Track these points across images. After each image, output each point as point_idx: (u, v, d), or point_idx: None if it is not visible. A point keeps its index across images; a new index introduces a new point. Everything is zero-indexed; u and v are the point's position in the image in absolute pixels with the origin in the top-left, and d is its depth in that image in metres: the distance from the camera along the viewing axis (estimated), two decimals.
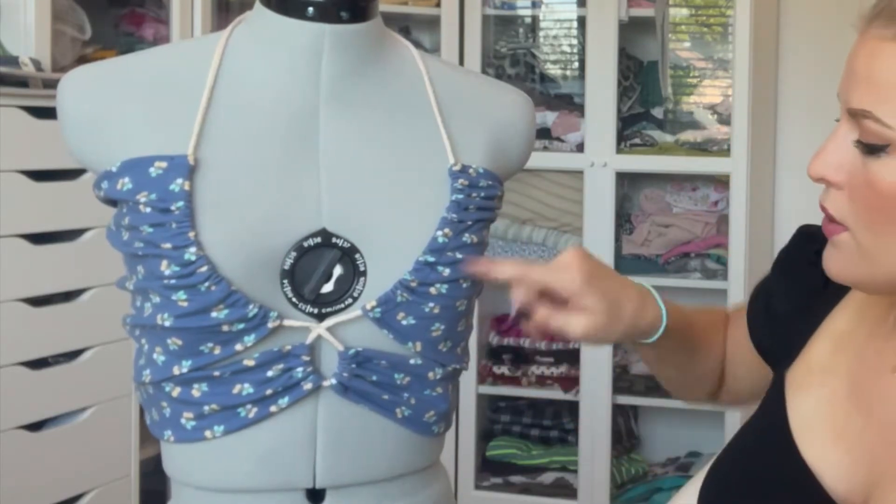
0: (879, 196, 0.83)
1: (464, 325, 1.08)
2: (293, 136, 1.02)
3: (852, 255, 0.86)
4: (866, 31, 0.84)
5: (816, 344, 0.98)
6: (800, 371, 0.98)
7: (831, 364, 0.96)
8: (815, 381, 0.96)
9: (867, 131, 0.83)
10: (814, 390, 0.96)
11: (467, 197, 1.05)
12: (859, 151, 0.84)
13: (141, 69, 1.04)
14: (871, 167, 0.83)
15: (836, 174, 0.86)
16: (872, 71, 0.82)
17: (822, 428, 0.93)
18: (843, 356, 0.96)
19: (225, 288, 0.96)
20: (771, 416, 0.98)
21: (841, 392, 0.94)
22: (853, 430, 0.92)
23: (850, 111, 0.85)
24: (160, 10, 2.75)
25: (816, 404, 0.95)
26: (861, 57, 0.84)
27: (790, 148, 3.30)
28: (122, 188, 0.98)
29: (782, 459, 0.94)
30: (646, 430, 3.47)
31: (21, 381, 2.13)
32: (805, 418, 0.95)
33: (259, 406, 1.00)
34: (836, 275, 0.89)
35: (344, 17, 1.02)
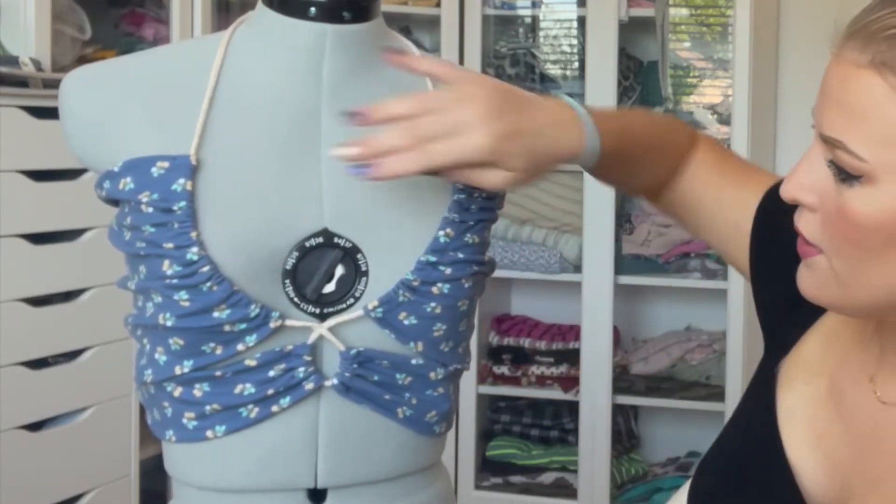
0: (852, 225, 0.81)
1: (465, 325, 1.08)
2: (295, 136, 1.02)
3: (826, 279, 0.85)
4: (840, 53, 0.82)
5: (810, 339, 0.97)
6: (790, 365, 0.97)
7: (819, 363, 0.95)
8: (803, 378, 0.95)
9: (841, 160, 0.81)
10: (800, 388, 0.95)
11: (469, 197, 1.05)
12: (833, 175, 0.82)
13: (143, 69, 1.04)
14: (844, 194, 0.81)
15: (808, 196, 0.84)
16: (844, 97, 0.80)
17: (805, 429, 0.93)
18: (830, 356, 0.95)
19: (227, 288, 0.96)
20: (760, 410, 0.97)
21: (824, 394, 0.93)
22: (832, 435, 0.91)
23: (822, 137, 0.83)
24: (160, 10, 2.75)
25: (801, 403, 0.94)
26: (834, 80, 0.82)
27: (790, 148, 3.30)
28: (124, 188, 0.98)
29: (767, 455, 0.93)
30: (646, 430, 3.47)
31: (21, 381, 2.13)
32: (790, 416, 0.94)
33: (261, 406, 1.00)
34: (810, 296, 0.87)
35: (346, 18, 1.02)
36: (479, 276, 1.06)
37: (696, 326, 3.41)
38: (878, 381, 0.90)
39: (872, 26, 0.80)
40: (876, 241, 0.80)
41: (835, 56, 0.83)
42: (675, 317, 3.43)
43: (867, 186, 0.80)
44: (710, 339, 3.30)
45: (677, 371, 3.29)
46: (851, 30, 0.82)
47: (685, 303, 3.41)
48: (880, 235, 0.80)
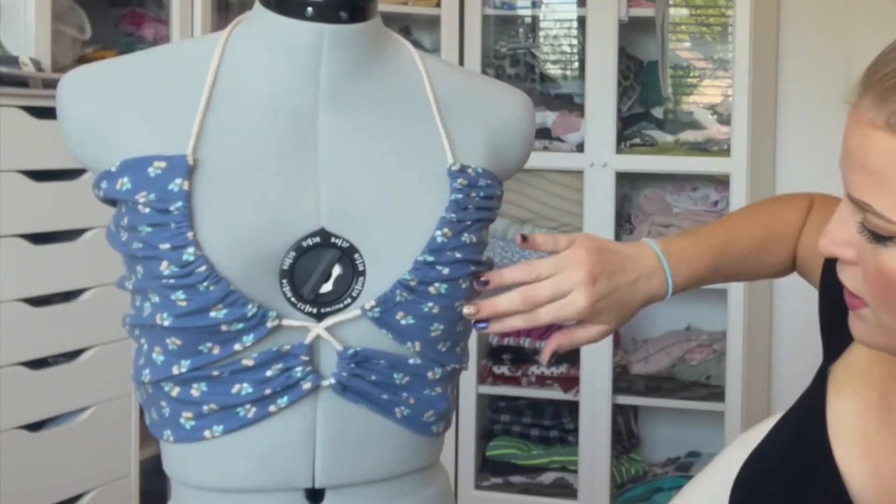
0: (890, 283, 0.81)
1: (463, 325, 1.08)
2: (292, 136, 1.02)
3: (875, 328, 0.85)
4: (856, 111, 0.81)
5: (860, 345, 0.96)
6: (840, 371, 0.97)
7: (868, 372, 0.94)
8: (852, 387, 0.95)
9: (871, 223, 0.81)
10: (850, 396, 0.94)
11: (466, 197, 1.05)
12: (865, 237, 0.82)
13: (140, 69, 1.04)
14: (880, 254, 0.81)
15: (846, 251, 0.84)
16: (867, 160, 0.79)
17: (854, 438, 0.92)
18: (879, 366, 0.94)
19: (224, 288, 0.96)
20: (810, 413, 0.96)
21: (874, 405, 0.93)
22: (881, 449, 0.91)
23: (850, 199, 0.82)
24: (160, 10, 2.75)
25: (849, 411, 0.94)
26: (855, 142, 0.81)
27: (790, 148, 3.30)
28: (122, 188, 0.98)
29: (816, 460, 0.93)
30: (646, 430, 3.47)
31: (21, 381, 2.14)
32: (839, 422, 0.93)
33: (258, 406, 1.00)
34: (863, 343, 0.88)
35: (343, 18, 1.02)
36: (476, 275, 1.06)
37: (696, 326, 3.41)
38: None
39: (887, 82, 0.79)
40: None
41: (852, 112, 0.82)
42: (675, 317, 3.43)
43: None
44: (710, 339, 3.30)
45: (677, 371, 3.29)
46: (866, 84, 0.81)
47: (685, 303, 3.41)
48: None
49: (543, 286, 1.03)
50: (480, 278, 1.05)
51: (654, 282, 1.07)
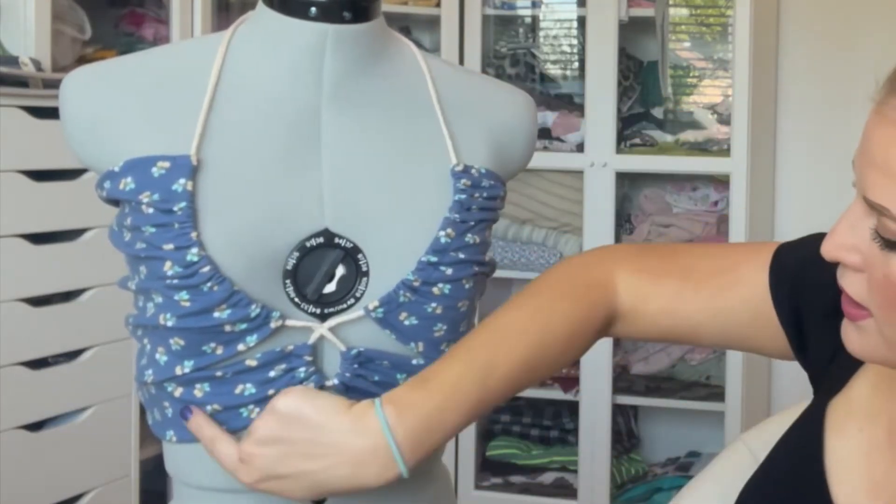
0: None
1: (466, 326, 1.08)
2: (295, 136, 1.02)
3: (876, 341, 0.80)
4: (882, 110, 0.76)
5: (859, 381, 0.92)
6: (840, 407, 0.91)
7: (871, 407, 0.90)
8: (856, 424, 0.90)
9: (886, 227, 0.76)
10: (852, 434, 0.89)
11: (470, 197, 1.05)
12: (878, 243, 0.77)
13: (143, 69, 1.04)
14: (890, 261, 0.76)
15: (852, 256, 0.80)
16: (889, 163, 0.75)
17: (858, 480, 0.87)
18: (883, 400, 0.89)
19: (227, 288, 0.96)
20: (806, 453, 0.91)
21: (881, 441, 0.88)
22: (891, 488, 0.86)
23: (867, 201, 0.77)
24: (160, 10, 2.75)
25: (853, 451, 0.89)
26: (878, 141, 0.76)
27: (790, 148, 3.30)
28: (125, 188, 0.98)
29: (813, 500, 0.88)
30: (646, 430, 3.47)
31: (21, 381, 2.13)
32: (840, 463, 0.88)
33: (261, 406, 1.00)
34: (857, 355, 0.84)
35: (346, 17, 1.02)
36: (479, 276, 1.06)
37: None
38: None
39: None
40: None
41: (876, 111, 0.77)
42: None
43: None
44: None
45: (677, 371, 3.29)
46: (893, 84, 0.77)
47: None
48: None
49: (224, 455, 0.91)
50: (190, 410, 0.94)
51: (368, 469, 0.86)
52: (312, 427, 0.86)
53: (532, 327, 0.93)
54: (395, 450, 0.86)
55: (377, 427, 0.86)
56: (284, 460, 0.87)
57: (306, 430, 0.86)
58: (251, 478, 0.89)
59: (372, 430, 0.86)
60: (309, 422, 0.86)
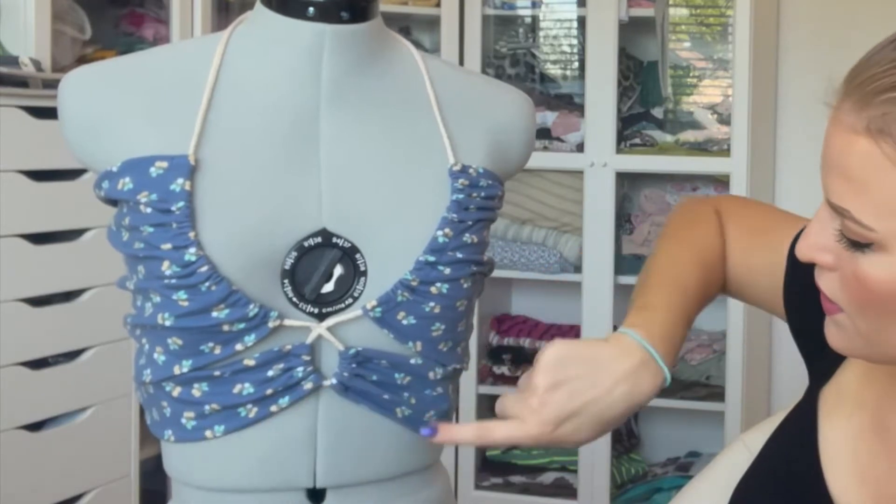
0: (867, 290, 0.80)
1: (464, 325, 1.08)
2: (294, 136, 1.02)
3: (852, 335, 0.84)
4: (836, 115, 0.79)
5: (849, 367, 0.95)
6: (831, 394, 0.95)
7: (860, 394, 0.93)
8: (845, 410, 0.93)
9: (849, 229, 0.79)
10: (842, 421, 0.93)
11: (468, 197, 1.05)
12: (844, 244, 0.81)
13: (142, 69, 1.04)
14: (857, 260, 0.80)
15: (824, 256, 0.83)
16: (847, 166, 0.78)
17: (848, 464, 0.90)
18: (871, 388, 0.92)
19: (225, 288, 0.96)
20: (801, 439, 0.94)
21: (867, 428, 0.91)
22: (878, 474, 0.89)
23: (830, 205, 0.81)
24: (160, 10, 2.75)
25: (843, 436, 0.92)
26: (834, 146, 0.80)
27: (790, 148, 3.30)
28: (123, 188, 0.98)
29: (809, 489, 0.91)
30: (646, 430, 3.47)
31: (21, 381, 2.13)
32: (832, 448, 0.92)
33: (259, 406, 1.00)
34: (838, 349, 0.87)
35: (344, 18, 1.02)
36: (477, 276, 1.06)
37: (696, 326, 3.40)
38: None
39: (867, 86, 0.77)
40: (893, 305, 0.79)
41: (832, 117, 0.80)
42: None
43: (879, 254, 0.78)
44: (710, 339, 3.30)
45: (677, 371, 3.29)
46: (848, 88, 0.79)
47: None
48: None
49: (500, 427, 0.94)
50: (433, 426, 0.94)
51: (640, 382, 0.93)
52: (586, 360, 0.94)
53: (692, 255, 1.07)
54: (658, 358, 0.95)
55: (637, 345, 0.95)
56: (574, 396, 0.93)
57: (582, 365, 0.93)
58: (546, 427, 0.93)
59: (634, 348, 0.94)
60: (580, 357, 0.94)
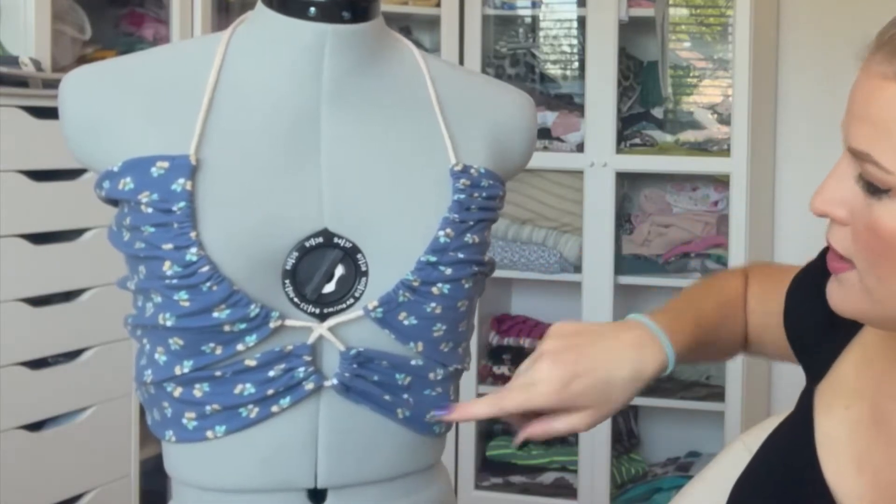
0: (881, 240, 0.80)
1: (465, 326, 1.08)
2: (295, 136, 1.02)
3: (856, 293, 0.84)
4: (867, 65, 0.81)
5: (844, 361, 0.96)
6: (827, 389, 0.96)
7: (856, 386, 0.93)
8: (841, 402, 0.94)
9: (869, 174, 0.80)
10: (839, 413, 0.93)
11: (469, 197, 1.05)
12: (861, 189, 0.81)
13: (142, 69, 1.04)
14: (873, 208, 0.80)
15: (838, 210, 0.83)
16: (871, 110, 0.80)
17: (845, 454, 0.91)
18: (867, 378, 0.93)
19: (226, 288, 0.96)
20: (798, 435, 0.95)
21: (865, 417, 0.92)
22: (875, 461, 0.89)
23: (851, 150, 0.82)
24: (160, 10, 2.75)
25: (840, 428, 0.92)
26: (861, 93, 0.81)
27: (790, 148, 3.30)
28: (124, 188, 0.98)
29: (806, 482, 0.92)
30: (646, 430, 3.47)
31: (21, 381, 2.13)
32: (829, 440, 0.92)
33: (260, 406, 1.00)
34: (839, 310, 0.87)
35: (346, 17, 1.02)
36: (479, 276, 1.06)
37: None
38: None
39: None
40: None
41: (863, 69, 0.82)
42: None
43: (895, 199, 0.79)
44: None
45: (677, 371, 3.29)
46: (879, 41, 0.81)
47: None
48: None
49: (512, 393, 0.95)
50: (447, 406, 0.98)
51: (645, 353, 0.96)
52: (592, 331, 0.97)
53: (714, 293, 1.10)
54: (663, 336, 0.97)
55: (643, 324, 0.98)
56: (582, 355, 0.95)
57: (587, 334, 0.97)
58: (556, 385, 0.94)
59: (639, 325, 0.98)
60: (587, 328, 0.98)
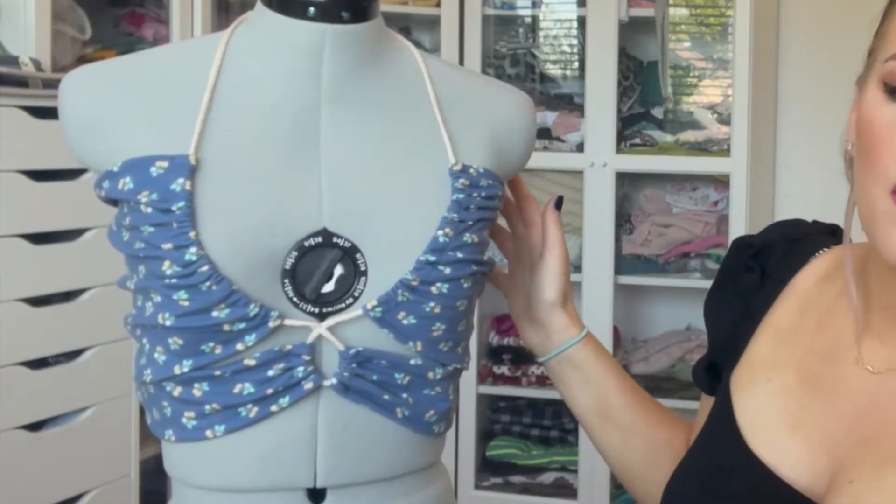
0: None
1: (464, 325, 1.08)
2: (294, 136, 1.02)
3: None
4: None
5: (757, 342, 0.99)
6: (743, 370, 0.99)
7: (776, 358, 0.97)
8: (760, 377, 0.97)
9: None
10: (760, 386, 0.96)
11: (468, 196, 1.05)
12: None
13: (142, 69, 1.04)
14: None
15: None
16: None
17: (775, 422, 0.93)
18: (789, 349, 0.96)
19: (226, 287, 0.96)
20: (719, 419, 0.98)
21: (793, 384, 0.94)
22: (809, 419, 0.92)
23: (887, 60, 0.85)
24: (160, 10, 2.75)
25: (765, 399, 0.95)
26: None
27: (790, 148, 3.30)
28: (124, 188, 0.98)
29: (734, 459, 0.94)
30: None
31: (21, 381, 2.14)
32: (753, 415, 0.95)
33: (260, 406, 1.00)
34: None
35: (345, 18, 1.02)
36: (478, 275, 1.06)
37: (696, 326, 3.41)
38: (863, 354, 0.91)
39: None
40: None
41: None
42: (675, 317, 3.43)
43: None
44: None
45: (677, 371, 3.29)
46: None
47: (685, 303, 3.42)
48: None
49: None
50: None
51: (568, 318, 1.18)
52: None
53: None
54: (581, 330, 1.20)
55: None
56: None
57: None
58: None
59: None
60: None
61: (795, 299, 0.99)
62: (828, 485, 0.88)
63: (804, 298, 0.98)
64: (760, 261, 1.04)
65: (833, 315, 0.95)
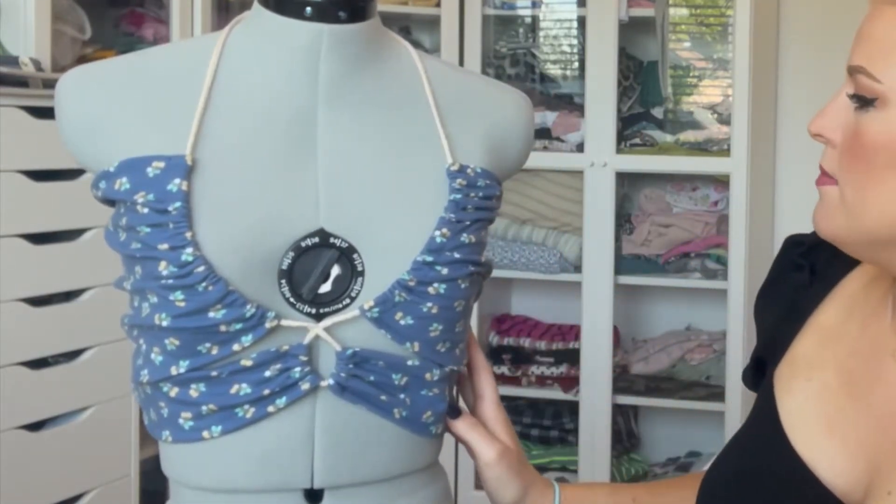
0: (862, 147, 0.87)
1: (462, 326, 1.08)
2: (291, 136, 1.02)
3: (835, 208, 0.90)
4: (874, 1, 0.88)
5: (802, 340, 1.00)
6: (786, 368, 0.99)
7: (819, 358, 0.97)
8: (802, 375, 0.97)
9: (860, 85, 0.87)
10: (801, 385, 0.97)
11: (465, 197, 1.05)
12: (852, 105, 0.88)
13: (139, 69, 1.04)
14: (860, 121, 0.87)
15: (833, 133, 0.90)
16: (872, 31, 0.87)
17: (814, 422, 0.94)
18: (831, 349, 0.97)
19: (222, 288, 0.96)
20: (763, 416, 0.99)
21: (832, 384, 0.95)
22: (847, 421, 0.92)
23: (848, 68, 0.88)
24: (160, 10, 2.75)
25: (805, 399, 0.96)
26: (866, 21, 0.89)
27: (790, 148, 3.30)
28: (120, 188, 0.98)
29: (777, 457, 0.94)
30: (646, 430, 3.47)
31: (21, 381, 2.14)
32: (795, 414, 0.96)
33: (257, 406, 1.00)
34: (820, 227, 0.92)
35: (342, 17, 1.02)
36: (475, 276, 1.06)
37: (696, 326, 3.41)
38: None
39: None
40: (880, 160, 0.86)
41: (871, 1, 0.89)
42: (675, 317, 3.43)
43: (881, 111, 0.86)
44: (710, 339, 3.30)
45: (677, 371, 3.29)
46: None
47: (685, 303, 3.42)
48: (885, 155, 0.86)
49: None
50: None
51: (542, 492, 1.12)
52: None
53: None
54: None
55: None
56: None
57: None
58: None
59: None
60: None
61: (843, 300, 0.99)
62: (865, 490, 0.89)
63: (852, 300, 0.98)
64: (810, 259, 1.04)
65: (877, 317, 0.95)
